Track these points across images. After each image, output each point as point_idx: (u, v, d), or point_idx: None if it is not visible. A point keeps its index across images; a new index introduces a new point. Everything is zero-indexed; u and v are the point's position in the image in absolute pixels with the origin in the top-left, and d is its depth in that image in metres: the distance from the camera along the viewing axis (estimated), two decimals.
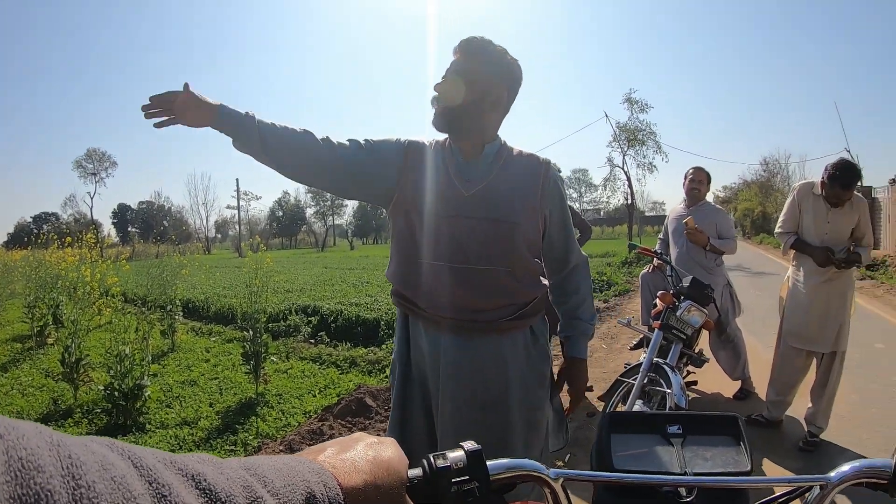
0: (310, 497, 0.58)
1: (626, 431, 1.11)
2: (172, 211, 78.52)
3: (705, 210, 5.43)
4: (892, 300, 11.58)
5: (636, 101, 31.18)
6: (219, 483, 0.50)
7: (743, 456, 1.04)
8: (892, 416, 4.88)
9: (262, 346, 6.27)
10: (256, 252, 7.24)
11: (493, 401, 2.07)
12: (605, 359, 7.36)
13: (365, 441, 0.74)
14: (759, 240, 36.87)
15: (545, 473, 0.86)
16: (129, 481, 0.42)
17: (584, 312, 2.26)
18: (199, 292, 13.62)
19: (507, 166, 2.08)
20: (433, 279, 2.07)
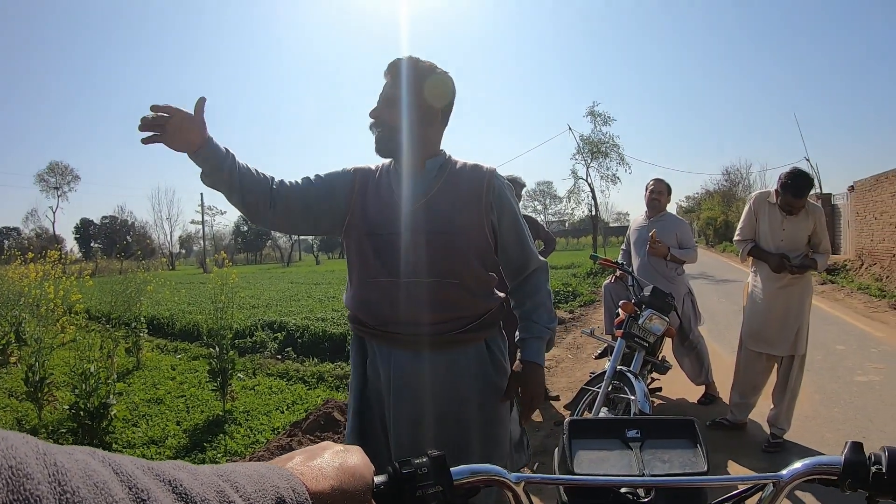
0: (279, 501, 0.60)
1: (587, 437, 1.13)
2: (136, 226, 77.13)
3: (666, 220, 5.51)
4: (852, 303, 11.83)
5: (599, 114, 31.51)
6: (194, 488, 0.52)
7: (700, 457, 1.07)
8: (853, 416, 5.02)
9: (229, 362, 6.21)
10: (222, 268, 7.19)
11: (448, 416, 2.09)
12: (571, 369, 7.42)
13: (332, 449, 0.77)
14: (721, 248, 37.37)
15: (507, 478, 0.89)
16: (111, 486, 0.44)
17: (541, 316, 2.22)
18: (164, 309, 13.41)
19: (450, 179, 2.12)
20: (384, 296, 2.09)
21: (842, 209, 21.34)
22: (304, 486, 0.66)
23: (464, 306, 2.11)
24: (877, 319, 9.77)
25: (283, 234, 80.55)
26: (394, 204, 2.09)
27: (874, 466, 0.85)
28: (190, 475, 0.54)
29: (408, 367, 2.09)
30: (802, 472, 0.89)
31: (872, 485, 0.84)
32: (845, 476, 0.86)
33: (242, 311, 12.52)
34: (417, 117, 2.06)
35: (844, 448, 0.89)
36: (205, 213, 66.95)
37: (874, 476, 0.84)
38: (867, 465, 0.85)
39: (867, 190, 17.78)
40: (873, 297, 12.47)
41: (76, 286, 7.37)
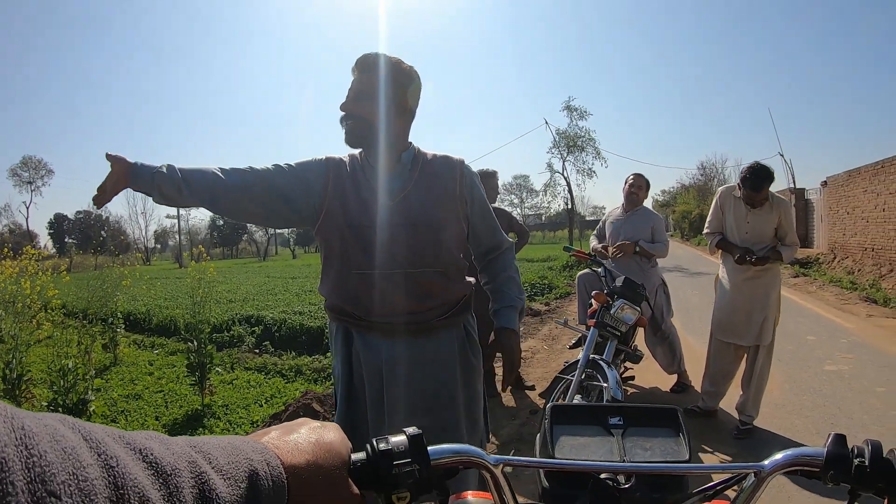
0: (252, 474, 0.61)
1: (568, 423, 1.13)
2: (111, 221, 76.04)
3: (641, 214, 5.58)
4: (824, 296, 11.98)
5: (575, 109, 31.64)
6: (165, 457, 0.52)
7: (682, 446, 1.07)
8: (822, 404, 5.12)
9: (207, 356, 6.20)
10: (199, 262, 7.16)
11: (438, 399, 2.16)
12: (547, 359, 7.48)
13: (309, 425, 0.77)
14: (696, 241, 37.64)
15: (486, 459, 0.89)
16: (79, 452, 0.43)
17: (511, 288, 2.34)
18: (141, 304, 13.27)
19: (424, 171, 2.18)
20: (370, 287, 2.12)
21: (815, 204, 21.60)
22: (279, 459, 0.67)
23: (444, 293, 2.19)
24: (847, 311, 9.91)
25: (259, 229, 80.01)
26: (373, 197, 2.12)
27: (857, 459, 0.84)
28: (161, 445, 0.54)
29: (396, 354, 2.14)
30: (784, 463, 0.89)
31: (855, 478, 0.83)
32: (827, 468, 0.85)
33: (219, 305, 12.42)
34: (391, 111, 2.11)
35: (827, 440, 0.88)
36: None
37: (857, 469, 0.83)
38: (850, 458, 0.85)
39: (840, 185, 18.01)
40: (845, 290, 12.65)
41: (52, 282, 7.30)
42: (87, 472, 0.43)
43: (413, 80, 2.17)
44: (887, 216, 14.09)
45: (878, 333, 8.06)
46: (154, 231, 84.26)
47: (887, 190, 14.11)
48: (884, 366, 6.26)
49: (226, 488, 0.56)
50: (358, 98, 2.11)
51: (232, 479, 0.58)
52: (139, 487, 0.47)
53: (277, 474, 0.64)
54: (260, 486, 0.61)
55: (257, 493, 0.60)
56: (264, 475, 0.62)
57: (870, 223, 15.26)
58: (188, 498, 0.51)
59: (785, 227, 4.45)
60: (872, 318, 9.27)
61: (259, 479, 0.61)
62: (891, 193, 13.92)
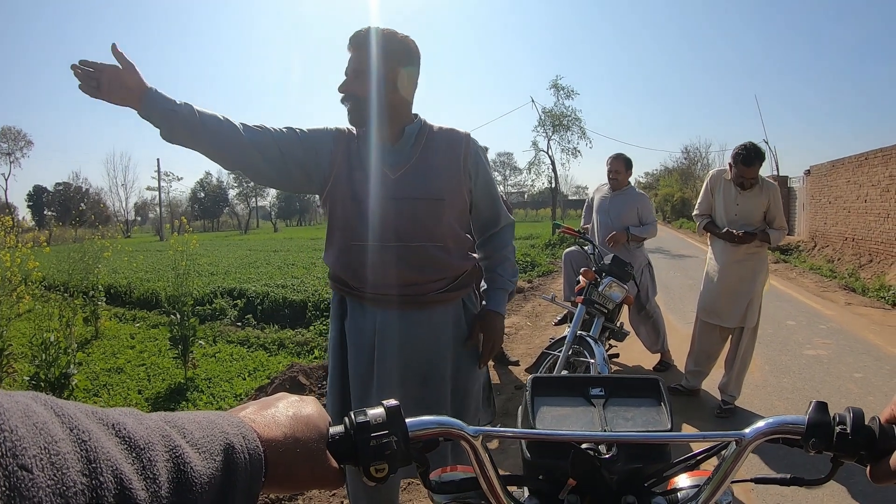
0: (228, 447, 0.61)
1: (550, 394, 1.13)
2: (90, 193, 75.12)
3: (628, 195, 5.57)
4: (804, 282, 12.08)
5: (563, 88, 31.51)
6: (138, 432, 0.52)
7: (664, 416, 1.06)
8: (801, 386, 5.22)
9: (190, 329, 6.20)
10: (182, 234, 7.11)
11: (431, 372, 2.19)
12: (531, 336, 7.53)
13: (287, 399, 0.78)
14: (678, 224, 37.86)
15: (465, 430, 0.89)
16: (51, 427, 0.44)
17: (505, 269, 2.38)
18: (121, 277, 13.20)
19: (429, 145, 2.18)
20: (368, 259, 2.13)
21: (798, 192, 21.75)
22: (256, 433, 0.67)
23: (444, 267, 2.18)
24: (827, 298, 10.00)
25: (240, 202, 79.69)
26: (377, 171, 2.12)
27: (838, 427, 0.84)
28: (135, 420, 0.54)
29: (391, 325, 2.15)
30: (766, 431, 0.89)
31: (836, 445, 0.83)
32: (809, 435, 0.85)
33: (201, 278, 12.40)
34: (387, 86, 2.07)
35: (809, 407, 0.88)
36: (161, 178, 65.49)
37: (838, 436, 0.83)
38: (831, 426, 0.84)
39: (823, 175, 18.12)
40: (824, 278, 12.76)
41: (33, 254, 7.22)
42: (59, 447, 0.43)
43: (408, 52, 2.13)
44: (868, 207, 14.20)
45: (856, 321, 8.15)
46: (134, 203, 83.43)
47: (870, 182, 14.21)
48: (861, 353, 6.35)
49: (201, 462, 0.57)
50: (354, 77, 2.09)
51: (207, 453, 0.58)
52: (112, 461, 0.47)
53: (254, 448, 0.64)
54: (236, 460, 0.61)
55: (233, 466, 0.60)
56: (240, 448, 0.62)
57: (851, 213, 15.38)
58: (162, 471, 0.52)
59: (773, 211, 4.47)
60: (851, 307, 9.37)
61: (235, 452, 0.61)
62: (873, 185, 14.02)
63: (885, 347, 6.58)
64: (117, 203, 76.70)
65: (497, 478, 0.94)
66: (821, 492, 3.39)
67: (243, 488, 0.61)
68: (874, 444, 0.82)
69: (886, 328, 7.75)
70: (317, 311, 8.86)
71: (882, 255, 13.19)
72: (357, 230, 2.14)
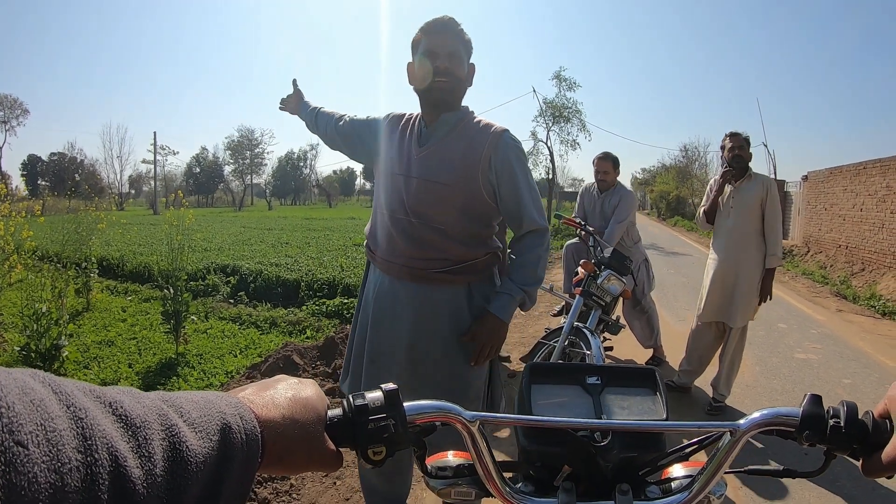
0: (225, 427, 0.61)
1: (546, 382, 1.13)
2: (85, 164, 74.57)
3: (615, 195, 5.53)
4: (796, 286, 12.14)
5: (565, 79, 31.34)
6: (135, 410, 0.52)
7: (659, 406, 1.07)
8: (791, 389, 5.28)
9: (183, 304, 6.19)
10: (179, 208, 7.08)
11: (422, 347, 2.29)
12: (524, 325, 7.58)
13: (286, 381, 0.78)
14: (673, 222, 37.94)
15: (462, 416, 0.89)
16: (48, 404, 0.44)
17: (519, 275, 2.31)
18: (114, 249, 13.14)
19: (459, 134, 2.27)
20: (382, 228, 2.35)
21: (794, 197, 21.83)
22: (254, 413, 0.67)
23: (444, 250, 2.27)
24: (818, 304, 10.04)
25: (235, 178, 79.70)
26: (405, 149, 2.32)
27: (832, 420, 0.84)
28: (132, 398, 0.54)
29: (390, 291, 2.33)
30: (760, 423, 0.89)
31: (829, 438, 0.84)
32: (803, 428, 0.86)
33: (194, 253, 12.35)
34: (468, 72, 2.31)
35: (803, 400, 0.88)
36: (157, 152, 65.21)
37: (832, 429, 0.84)
38: (825, 418, 0.85)
39: (820, 181, 18.17)
40: (816, 283, 12.83)
41: (27, 224, 7.18)
42: (55, 423, 0.44)
43: (471, 46, 2.31)
44: (864, 216, 14.26)
45: (846, 328, 8.20)
46: (129, 176, 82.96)
47: (867, 191, 14.25)
48: (851, 359, 6.40)
49: (197, 441, 0.57)
50: (449, 59, 2.22)
51: (203, 433, 0.58)
52: (107, 438, 0.47)
53: (251, 428, 0.65)
54: (232, 440, 0.61)
55: (230, 445, 0.61)
56: (237, 429, 0.62)
57: (846, 221, 15.44)
58: (157, 449, 0.52)
59: (770, 213, 4.52)
60: (842, 313, 9.43)
61: (231, 432, 0.61)
62: (869, 195, 14.07)
63: (874, 355, 6.63)
64: (112, 175, 76.32)
65: (493, 463, 0.95)
66: (807, 493, 3.43)
67: (240, 468, 0.61)
68: (867, 437, 0.83)
69: (876, 336, 7.81)
70: (310, 292, 8.87)
71: (874, 264, 13.26)
72: (381, 199, 2.38)
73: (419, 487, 3.27)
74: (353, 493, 3.29)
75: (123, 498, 0.47)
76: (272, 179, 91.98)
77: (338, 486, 3.41)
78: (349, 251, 13.93)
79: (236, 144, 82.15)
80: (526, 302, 2.34)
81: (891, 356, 6.65)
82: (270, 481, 3.33)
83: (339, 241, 17.18)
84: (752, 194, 4.51)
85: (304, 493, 3.33)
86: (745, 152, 4.55)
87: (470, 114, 2.34)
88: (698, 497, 0.96)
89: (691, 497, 0.96)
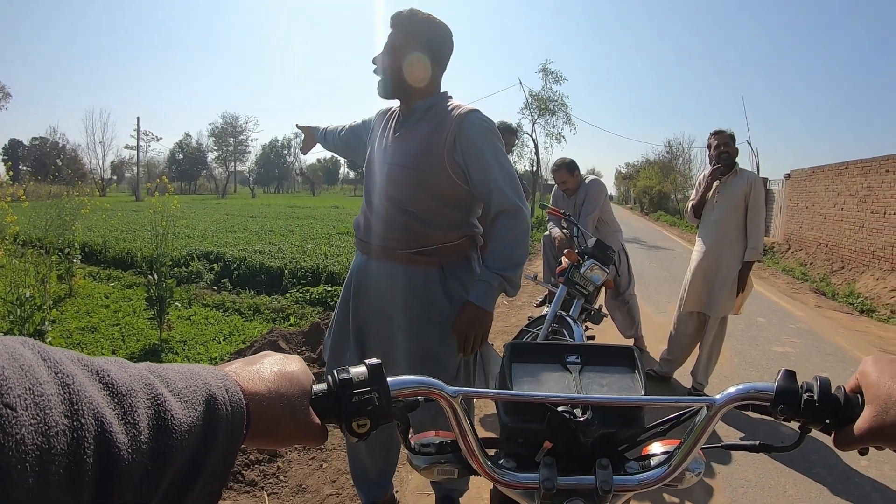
0: (210, 398, 0.62)
1: (527, 361, 1.15)
2: (67, 149, 73.39)
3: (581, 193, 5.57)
4: (776, 283, 12.25)
5: (552, 72, 31.36)
6: (121, 379, 0.53)
7: (637, 383, 1.09)
8: (769, 380, 5.26)
9: (167, 291, 6.17)
10: (163, 194, 7.04)
11: (395, 323, 2.38)
12: (507, 314, 7.67)
13: (272, 356, 0.79)
14: (656, 216, 38.14)
15: (444, 390, 0.91)
16: (36, 370, 0.46)
17: (493, 260, 2.27)
18: (97, 235, 13.00)
19: (429, 119, 2.33)
20: (364, 213, 2.52)
21: (776, 195, 22.03)
22: (239, 386, 0.68)
23: (416, 231, 2.34)
24: (798, 300, 10.16)
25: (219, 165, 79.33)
26: (381, 139, 2.45)
27: (806, 394, 0.86)
28: (119, 368, 0.55)
29: (368, 269, 2.46)
30: (736, 397, 0.92)
31: (803, 412, 0.86)
32: (777, 402, 0.87)
33: (178, 240, 12.25)
34: (408, 66, 2.29)
35: (778, 375, 0.91)
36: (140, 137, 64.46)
37: (805, 403, 0.85)
38: (799, 393, 0.87)
39: (802, 180, 18.33)
40: (796, 280, 12.98)
41: (10, 209, 7.11)
42: (43, 388, 0.45)
43: (435, 38, 2.32)
44: (844, 215, 14.41)
45: (824, 324, 8.30)
46: (111, 162, 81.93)
47: (848, 191, 14.41)
48: (828, 353, 6.51)
49: (182, 410, 0.58)
50: (384, 52, 2.33)
51: (189, 403, 0.59)
52: (94, 405, 0.49)
53: (237, 400, 0.66)
54: (217, 411, 0.62)
55: (214, 416, 0.62)
56: (222, 400, 0.64)
57: (827, 220, 15.60)
58: (143, 417, 0.53)
59: (752, 208, 4.59)
60: (821, 310, 9.54)
61: (217, 403, 0.63)
62: (850, 194, 14.21)
63: (850, 351, 6.73)
64: (94, 161, 75.07)
65: (475, 439, 0.97)
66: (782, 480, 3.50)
67: (225, 439, 0.63)
68: (839, 411, 0.84)
69: (854, 333, 7.93)
70: (293, 279, 8.87)
71: (854, 262, 13.43)
72: (365, 188, 2.53)
73: (405, 470, 3.32)
74: (340, 475, 3.33)
75: (108, 463, 0.48)
76: (256, 167, 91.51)
77: (324, 469, 3.44)
78: (333, 239, 13.93)
79: (220, 131, 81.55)
80: (507, 288, 2.32)
81: (867, 352, 6.69)
82: (258, 464, 3.36)
83: (322, 229, 17.14)
84: (737, 189, 4.60)
85: (291, 474, 3.35)
86: (731, 148, 4.66)
87: (445, 99, 2.38)
88: (676, 471, 0.98)
89: (669, 471, 0.98)
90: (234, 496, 3.07)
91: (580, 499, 0.96)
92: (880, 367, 0.81)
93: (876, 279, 11.91)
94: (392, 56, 2.28)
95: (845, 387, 0.86)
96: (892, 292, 10.92)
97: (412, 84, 2.32)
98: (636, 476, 1.00)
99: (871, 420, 0.78)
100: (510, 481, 1.00)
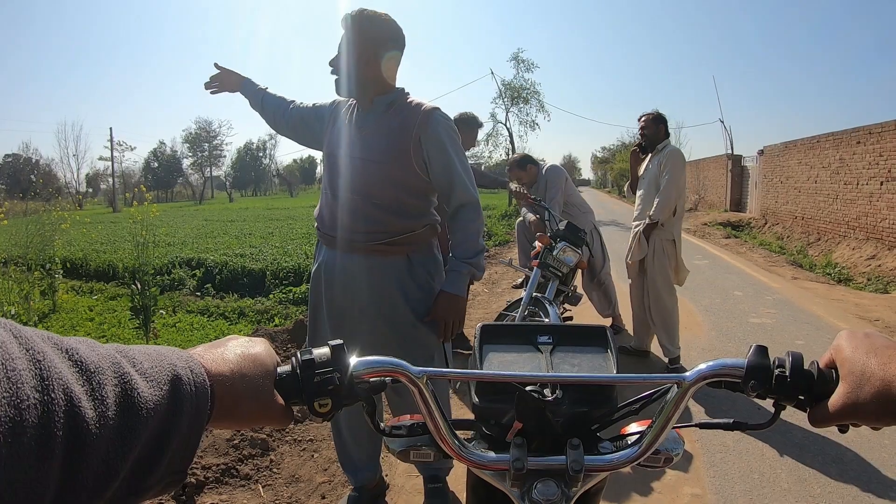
0: (175, 378, 0.64)
1: (498, 342, 1.14)
2: (41, 164, 72.59)
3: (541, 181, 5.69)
4: (753, 257, 12.37)
5: (523, 60, 31.47)
6: (90, 357, 0.55)
7: (610, 363, 1.08)
8: (745, 351, 5.20)
9: (151, 299, 6.20)
10: (142, 203, 7.06)
11: (367, 313, 2.48)
12: (488, 301, 7.81)
13: (236, 339, 0.81)
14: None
15: (409, 370, 0.91)
16: (9, 346, 0.47)
17: (462, 250, 2.50)
18: (77, 249, 12.86)
19: (392, 115, 2.44)
20: (327, 207, 2.54)
21: (751, 171, 22.23)
22: (204, 367, 0.70)
23: (383, 223, 2.44)
24: (774, 273, 10.28)
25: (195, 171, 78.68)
26: (343, 133, 2.51)
27: (777, 370, 0.85)
28: (88, 347, 0.57)
29: (336, 263, 2.51)
30: (706, 374, 0.90)
31: (775, 388, 0.84)
32: (748, 378, 0.86)
33: (159, 248, 12.19)
34: (362, 65, 2.39)
35: (749, 351, 0.89)
36: (114, 148, 63.97)
37: (777, 378, 0.84)
38: (771, 369, 0.85)
39: (776, 155, 18.55)
40: (773, 253, 13.13)
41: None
42: (15, 364, 0.47)
43: (387, 36, 2.42)
44: (818, 188, 14.62)
45: (800, 294, 8.45)
46: (86, 174, 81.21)
47: (821, 164, 14.61)
48: (804, 322, 6.65)
49: (148, 389, 0.60)
50: (339, 53, 2.43)
51: (154, 382, 0.61)
52: (63, 381, 0.50)
53: (201, 381, 0.68)
54: (182, 390, 0.64)
55: (179, 395, 0.64)
56: (187, 380, 0.66)
57: (801, 193, 15.81)
58: (110, 394, 0.55)
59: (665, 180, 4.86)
60: (797, 281, 9.68)
61: (182, 383, 0.65)
62: (823, 167, 14.42)
63: (826, 318, 6.87)
64: (69, 174, 74.42)
65: (443, 418, 0.96)
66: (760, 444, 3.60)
67: (189, 418, 0.65)
68: (813, 387, 0.84)
69: (830, 301, 8.07)
70: (276, 280, 8.92)
71: (829, 234, 13.65)
72: (325, 182, 2.57)
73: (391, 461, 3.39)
74: (331, 464, 3.41)
75: (77, 437, 0.50)
76: (232, 171, 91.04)
77: (315, 458, 3.52)
78: (313, 239, 13.75)
79: (194, 137, 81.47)
80: (475, 273, 2.52)
81: (843, 319, 6.90)
82: (251, 458, 3.42)
83: (301, 229, 17.15)
84: (655, 165, 4.95)
85: (283, 466, 3.43)
86: (649, 130, 5.02)
87: (404, 95, 2.50)
88: (649, 451, 0.97)
89: (641, 451, 0.97)
90: (229, 491, 3.13)
91: (551, 479, 0.96)
92: (855, 342, 0.81)
93: (852, 249, 12.12)
94: (347, 56, 2.39)
95: (819, 362, 0.86)
96: (868, 261, 11.12)
97: (369, 80, 2.42)
98: (608, 456, 0.99)
99: (846, 396, 0.77)
100: (480, 462, 0.99)
